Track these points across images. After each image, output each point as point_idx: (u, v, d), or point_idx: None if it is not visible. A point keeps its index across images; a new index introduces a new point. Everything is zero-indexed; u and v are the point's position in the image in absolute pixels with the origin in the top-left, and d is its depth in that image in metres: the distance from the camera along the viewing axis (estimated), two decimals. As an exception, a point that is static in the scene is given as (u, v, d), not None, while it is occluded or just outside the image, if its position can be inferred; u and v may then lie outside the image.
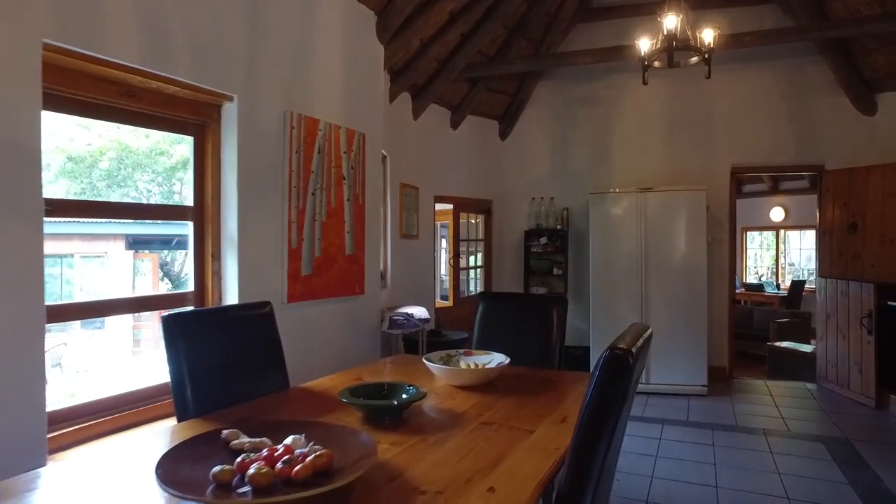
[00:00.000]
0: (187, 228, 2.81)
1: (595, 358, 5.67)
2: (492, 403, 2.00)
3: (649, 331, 1.49)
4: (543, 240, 6.18)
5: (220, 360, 2.03)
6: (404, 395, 1.89)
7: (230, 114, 2.83)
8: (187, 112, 2.69)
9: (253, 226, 2.92)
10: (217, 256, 2.85)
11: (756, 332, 8.77)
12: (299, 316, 3.21)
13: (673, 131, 6.12)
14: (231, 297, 2.84)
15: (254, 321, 2.22)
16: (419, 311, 3.92)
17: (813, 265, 11.57)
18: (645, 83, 3.88)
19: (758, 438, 4.24)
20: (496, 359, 2.34)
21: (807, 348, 7.01)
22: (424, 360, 2.22)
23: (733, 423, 4.59)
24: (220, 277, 2.86)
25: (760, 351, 8.34)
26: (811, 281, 11.41)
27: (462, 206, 6.17)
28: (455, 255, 5.93)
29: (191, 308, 2.48)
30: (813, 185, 11.23)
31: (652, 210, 5.45)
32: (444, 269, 6.67)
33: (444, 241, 6.63)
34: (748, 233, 12.51)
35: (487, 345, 2.73)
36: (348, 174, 3.52)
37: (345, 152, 3.49)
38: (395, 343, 4.22)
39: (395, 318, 3.74)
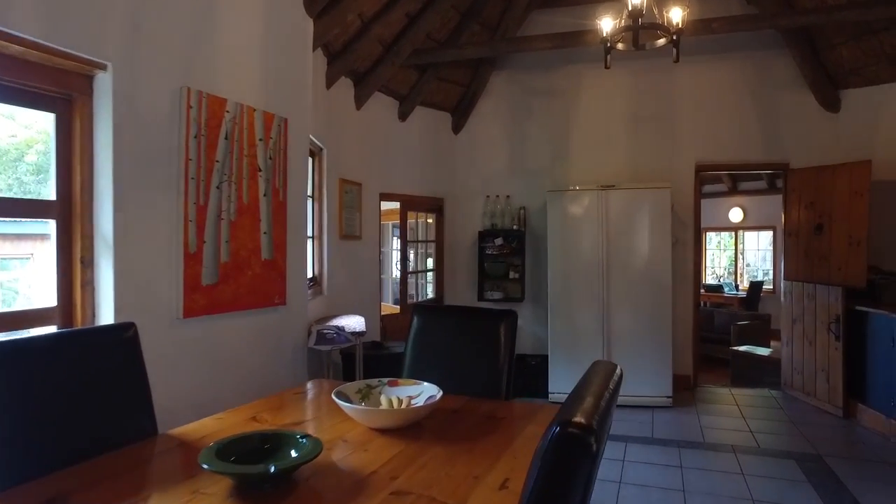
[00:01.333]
0: (48, 227, 2.25)
1: (554, 372, 5.28)
2: (415, 456, 1.54)
3: (617, 373, 1.05)
4: (499, 241, 5.76)
5: (44, 406, 1.50)
6: (293, 453, 1.40)
7: (104, 86, 2.29)
8: (44, 81, 2.14)
9: (136, 225, 2.38)
10: (88, 263, 2.30)
11: (717, 334, 8.59)
12: (201, 333, 2.68)
13: (636, 126, 5.79)
14: (106, 312, 2.30)
15: (105, 350, 1.70)
16: (353, 323, 3.43)
17: (769, 266, 11.53)
18: (607, 67, 3.49)
19: (727, 457, 3.90)
20: (426, 392, 1.87)
21: (765, 351, 6.81)
22: (334, 398, 1.74)
23: (700, 440, 4.24)
24: (93, 289, 2.31)
25: (722, 354, 8.16)
26: (768, 281, 11.36)
27: (411, 204, 5.70)
28: (403, 258, 5.45)
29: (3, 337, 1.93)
30: (771, 186, 11.18)
31: (614, 209, 5.09)
32: (398, 271, 6.19)
33: (398, 241, 6.14)
34: (707, 233, 12.41)
35: (421, 370, 2.27)
36: (265, 165, 3.00)
37: (261, 139, 2.97)
38: (329, 360, 3.72)
39: (325, 331, 3.24)
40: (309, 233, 4.34)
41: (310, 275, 4.32)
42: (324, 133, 4.31)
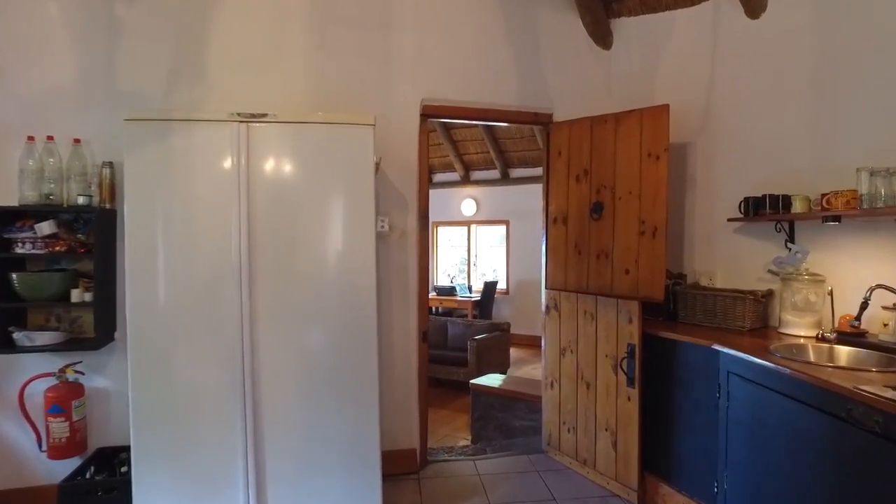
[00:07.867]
0: None
1: (143, 491, 2.49)
2: None
3: None
4: (48, 227, 2.77)
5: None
6: None
7: None
8: None
9: None
10: None
11: (452, 351, 6.78)
12: None
13: (326, 34, 3.38)
14: None
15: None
16: None
17: (502, 264, 10.40)
18: None
19: None
20: None
21: (498, 380, 5.13)
22: None
23: None
24: None
25: (459, 377, 6.45)
26: (502, 279, 10.22)
27: None
28: None
29: None
30: (504, 177, 10.00)
31: (266, 163, 2.55)
32: None
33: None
34: (439, 228, 10.90)
35: None
36: None
37: None
38: None
39: None
40: None
41: None
42: None
